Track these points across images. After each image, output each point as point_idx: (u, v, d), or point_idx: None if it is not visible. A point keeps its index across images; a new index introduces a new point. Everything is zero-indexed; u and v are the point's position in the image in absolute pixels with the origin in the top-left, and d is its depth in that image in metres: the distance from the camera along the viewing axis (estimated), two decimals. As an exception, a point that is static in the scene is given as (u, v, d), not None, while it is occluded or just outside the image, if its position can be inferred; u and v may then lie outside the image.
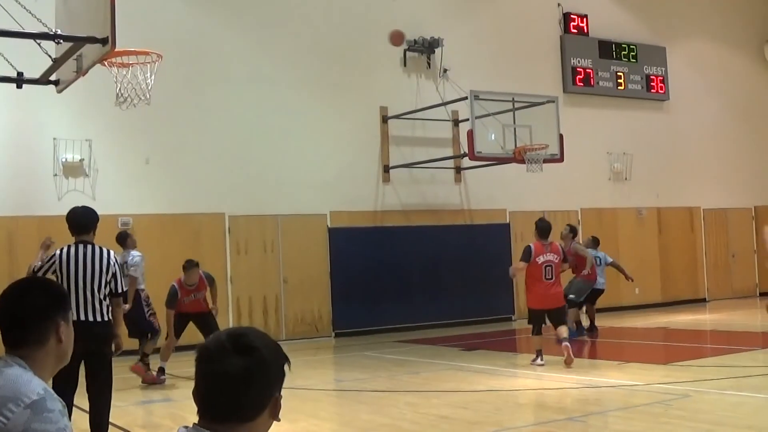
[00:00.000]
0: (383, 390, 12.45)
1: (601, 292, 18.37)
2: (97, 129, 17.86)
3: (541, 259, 14.13)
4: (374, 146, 21.20)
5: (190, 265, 14.01)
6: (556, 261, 14.22)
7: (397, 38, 18.13)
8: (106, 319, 8.15)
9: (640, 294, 24.51)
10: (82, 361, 7.76)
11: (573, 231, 18.04)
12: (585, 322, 18.43)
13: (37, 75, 9.47)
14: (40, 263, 8.42)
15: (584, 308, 18.44)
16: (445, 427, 9.95)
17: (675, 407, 10.31)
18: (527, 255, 14.18)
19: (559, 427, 9.57)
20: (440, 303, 21.11)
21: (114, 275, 8.23)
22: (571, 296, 17.17)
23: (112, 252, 8.36)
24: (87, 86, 12.79)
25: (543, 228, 14.49)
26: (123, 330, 8.71)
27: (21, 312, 3.13)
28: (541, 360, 14.06)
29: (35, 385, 2.93)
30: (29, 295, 3.19)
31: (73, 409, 7.87)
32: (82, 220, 8.45)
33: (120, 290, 8.32)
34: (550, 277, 14.14)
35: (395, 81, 21.63)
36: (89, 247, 8.26)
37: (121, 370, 14.38)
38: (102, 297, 8.14)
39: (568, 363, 13.62)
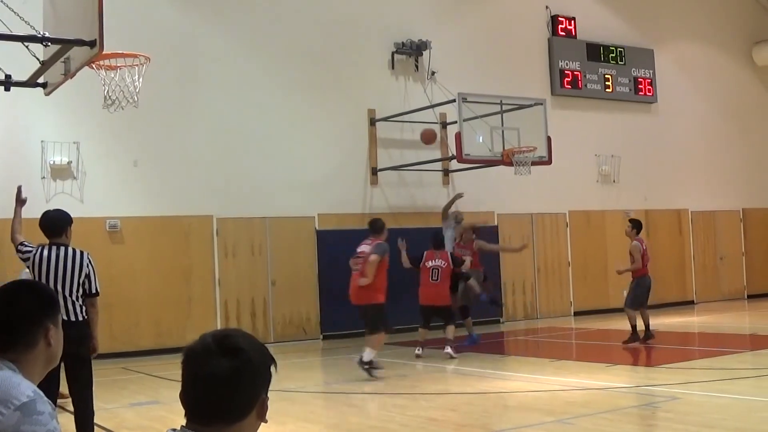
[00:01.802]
0: (371, 392, 12.45)
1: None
2: (85, 131, 17.82)
3: (429, 264, 16.34)
4: (362, 148, 21.20)
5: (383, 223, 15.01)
6: (444, 266, 16.29)
7: (428, 137, 18.19)
8: (80, 318, 8.24)
9: (628, 296, 24.54)
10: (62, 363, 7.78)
11: (474, 230, 18.43)
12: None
13: (24, 77, 9.45)
14: (22, 240, 8.58)
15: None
16: (433, 430, 9.96)
17: (663, 409, 10.34)
18: (418, 259, 16.43)
19: (548, 429, 9.58)
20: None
21: (87, 276, 8.34)
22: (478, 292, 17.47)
23: (85, 253, 8.42)
24: (75, 89, 12.78)
25: (434, 239, 16.81)
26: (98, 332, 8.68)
27: (10, 316, 3.12)
28: (420, 351, 16.26)
29: (25, 387, 2.92)
30: (19, 299, 3.17)
31: (57, 410, 7.85)
32: (55, 223, 8.55)
33: (94, 290, 8.40)
34: (436, 278, 16.29)
35: (383, 83, 21.64)
36: (62, 248, 8.38)
37: (111, 372, 14.38)
38: (75, 298, 8.26)
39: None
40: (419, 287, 16.52)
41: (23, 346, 3.11)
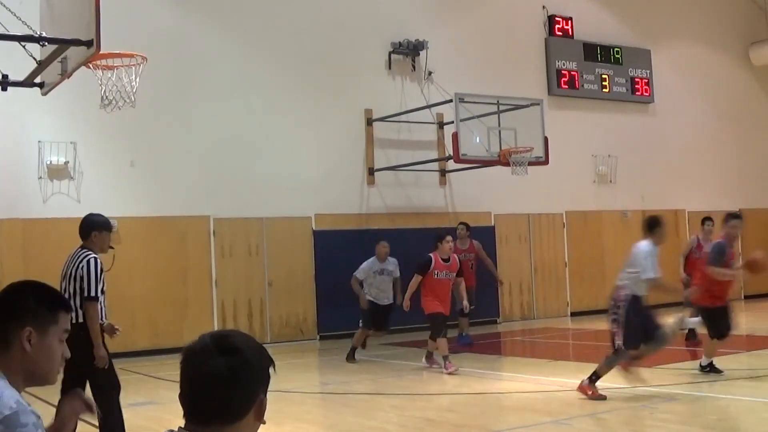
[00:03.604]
0: (369, 393, 12.44)
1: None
2: (82, 131, 17.79)
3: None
4: (359, 149, 21.18)
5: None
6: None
7: None
8: (72, 321, 8.13)
9: (625, 296, 24.54)
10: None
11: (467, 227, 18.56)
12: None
13: (21, 77, 9.43)
14: None
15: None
16: (430, 431, 9.95)
17: (661, 410, 10.33)
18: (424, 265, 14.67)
19: (545, 429, 9.58)
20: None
21: (82, 278, 8.22)
22: None
23: (89, 256, 8.32)
24: (72, 88, 12.75)
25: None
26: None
27: None
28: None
29: (7, 398, 2.84)
30: (5, 295, 3.11)
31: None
32: (80, 227, 8.65)
33: (86, 294, 8.20)
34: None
35: (380, 83, 21.62)
36: (75, 250, 8.44)
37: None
38: (72, 300, 8.19)
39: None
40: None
41: None
